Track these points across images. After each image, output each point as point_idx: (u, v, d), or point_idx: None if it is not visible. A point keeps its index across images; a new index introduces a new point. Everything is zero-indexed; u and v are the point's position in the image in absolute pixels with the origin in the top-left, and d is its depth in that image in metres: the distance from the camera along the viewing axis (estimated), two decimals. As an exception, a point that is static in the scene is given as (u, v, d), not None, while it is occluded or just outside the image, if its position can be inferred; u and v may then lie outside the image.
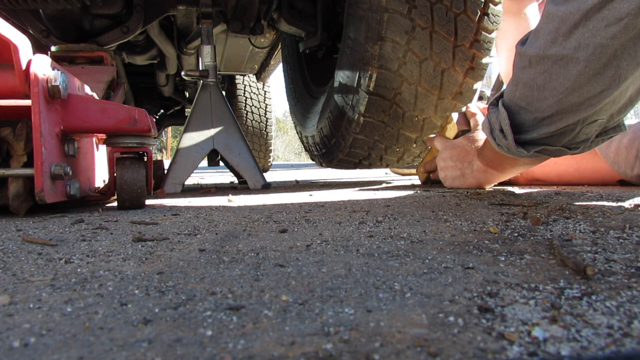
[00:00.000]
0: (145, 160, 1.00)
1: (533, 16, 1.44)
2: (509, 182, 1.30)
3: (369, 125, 1.37)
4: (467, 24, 1.19)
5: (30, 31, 1.45)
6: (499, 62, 1.59)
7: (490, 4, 1.18)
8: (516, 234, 0.55)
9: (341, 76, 1.42)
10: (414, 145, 1.46)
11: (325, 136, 1.61)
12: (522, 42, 0.79)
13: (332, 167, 1.71)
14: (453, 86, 1.29)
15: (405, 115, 1.34)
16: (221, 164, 1.72)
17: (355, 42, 1.31)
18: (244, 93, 3.66)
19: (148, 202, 1.08)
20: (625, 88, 0.71)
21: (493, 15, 1.20)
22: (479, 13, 1.18)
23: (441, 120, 1.37)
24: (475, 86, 1.32)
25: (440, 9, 1.17)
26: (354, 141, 1.43)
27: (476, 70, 1.27)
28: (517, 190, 1.13)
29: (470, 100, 1.34)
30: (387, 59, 1.23)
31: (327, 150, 1.63)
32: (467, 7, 1.17)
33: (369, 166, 1.59)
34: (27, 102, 0.79)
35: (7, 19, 1.30)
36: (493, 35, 1.23)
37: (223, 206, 0.95)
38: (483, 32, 1.21)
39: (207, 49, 1.52)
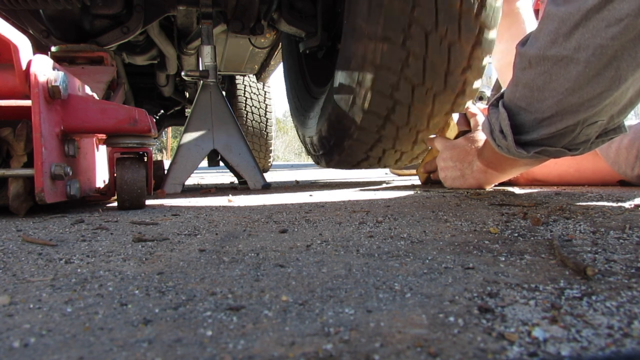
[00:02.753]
0: (146, 160, 1.00)
1: (526, 15, 1.44)
2: (509, 183, 1.30)
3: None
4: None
5: (30, 31, 1.45)
6: (493, 64, 1.59)
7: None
8: (516, 234, 0.55)
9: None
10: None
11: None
12: (523, 42, 0.79)
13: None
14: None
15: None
16: (221, 164, 1.72)
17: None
18: (244, 93, 3.65)
19: (148, 202, 1.08)
20: (626, 89, 0.71)
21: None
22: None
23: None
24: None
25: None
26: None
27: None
28: (517, 190, 1.13)
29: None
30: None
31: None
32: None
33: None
34: (27, 103, 0.79)
35: (7, 19, 1.30)
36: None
37: (223, 206, 0.95)
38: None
39: (207, 49, 1.52)
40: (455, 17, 1.17)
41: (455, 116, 1.26)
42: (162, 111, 3.47)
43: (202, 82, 1.52)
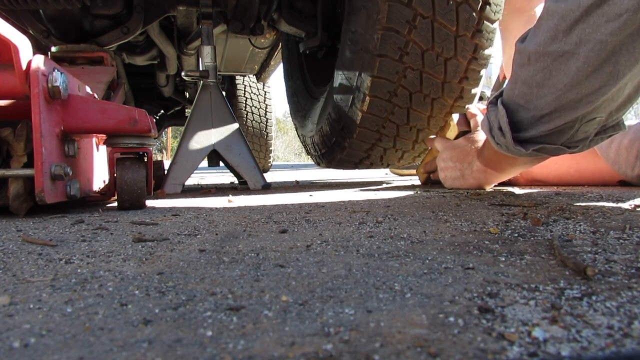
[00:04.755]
0: (146, 160, 1.00)
1: None
2: (509, 183, 1.30)
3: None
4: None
5: (31, 31, 1.45)
6: (505, 60, 1.59)
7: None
8: (516, 235, 0.55)
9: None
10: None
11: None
12: (522, 39, 0.79)
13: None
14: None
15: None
16: (221, 164, 1.72)
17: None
18: (244, 93, 3.66)
19: (148, 202, 1.08)
20: (623, 85, 0.71)
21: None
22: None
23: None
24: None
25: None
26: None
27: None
28: (517, 190, 1.13)
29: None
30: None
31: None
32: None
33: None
34: (27, 102, 0.79)
35: (7, 19, 1.30)
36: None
37: (223, 206, 0.95)
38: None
39: (207, 50, 1.52)
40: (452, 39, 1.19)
41: (455, 117, 1.26)
42: (162, 111, 3.47)
43: (202, 82, 1.52)
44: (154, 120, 1.38)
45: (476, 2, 1.16)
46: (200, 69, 1.53)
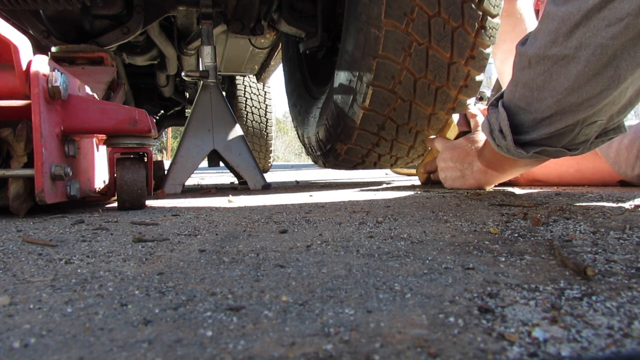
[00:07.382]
0: (146, 160, 1.00)
1: (528, 16, 1.44)
2: (510, 183, 1.30)
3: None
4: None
5: (31, 32, 1.45)
6: (497, 64, 1.59)
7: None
8: (516, 235, 0.55)
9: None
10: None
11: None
12: (522, 42, 0.79)
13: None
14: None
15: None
16: (221, 164, 1.72)
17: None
18: (244, 94, 3.66)
19: (148, 202, 1.08)
20: (625, 89, 0.71)
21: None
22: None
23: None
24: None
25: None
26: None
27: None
28: (517, 190, 1.13)
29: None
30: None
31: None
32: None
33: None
34: (27, 103, 0.79)
35: (7, 20, 1.30)
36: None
37: (223, 207, 0.95)
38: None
39: (207, 50, 1.52)
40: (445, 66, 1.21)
41: (456, 117, 1.26)
42: (162, 111, 3.47)
43: (202, 82, 1.52)
44: (154, 120, 1.38)
45: (472, 27, 1.17)
46: (200, 69, 1.53)
